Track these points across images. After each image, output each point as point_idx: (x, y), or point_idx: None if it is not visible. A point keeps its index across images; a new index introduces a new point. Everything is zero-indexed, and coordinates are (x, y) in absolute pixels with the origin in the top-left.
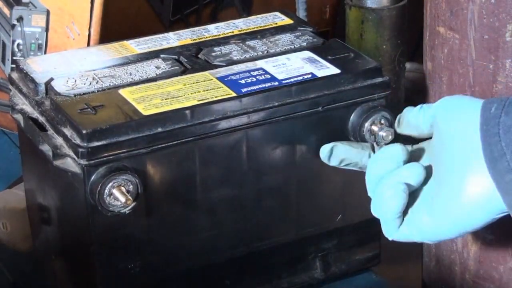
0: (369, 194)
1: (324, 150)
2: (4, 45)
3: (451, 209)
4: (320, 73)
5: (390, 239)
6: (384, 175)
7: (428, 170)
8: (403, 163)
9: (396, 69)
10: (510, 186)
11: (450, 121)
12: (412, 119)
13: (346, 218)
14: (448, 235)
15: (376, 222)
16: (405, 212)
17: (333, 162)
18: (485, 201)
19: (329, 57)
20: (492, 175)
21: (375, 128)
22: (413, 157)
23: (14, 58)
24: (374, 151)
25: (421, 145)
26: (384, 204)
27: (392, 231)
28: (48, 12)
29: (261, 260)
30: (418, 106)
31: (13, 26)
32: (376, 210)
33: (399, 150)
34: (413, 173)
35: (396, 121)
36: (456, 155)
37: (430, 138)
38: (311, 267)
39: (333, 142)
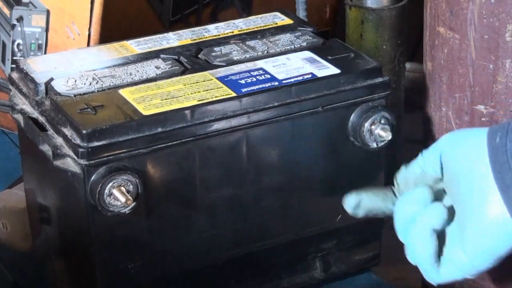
0: (401, 240)
1: (350, 203)
2: (4, 45)
3: (479, 240)
4: (320, 73)
5: (435, 284)
6: (411, 220)
7: (451, 208)
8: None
9: (396, 69)
10: None
11: (458, 157)
12: (413, 172)
13: (346, 218)
14: (484, 265)
15: (376, 222)
16: (440, 252)
17: (361, 214)
18: (507, 225)
19: (329, 57)
20: (505, 202)
21: (375, 128)
22: (437, 197)
23: (14, 58)
24: (395, 195)
25: (440, 185)
26: (417, 253)
27: (433, 276)
28: (48, 12)
29: (261, 260)
30: (417, 160)
31: (13, 26)
32: (412, 258)
33: (424, 193)
34: (437, 214)
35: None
36: (471, 189)
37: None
38: (311, 267)
39: (357, 193)
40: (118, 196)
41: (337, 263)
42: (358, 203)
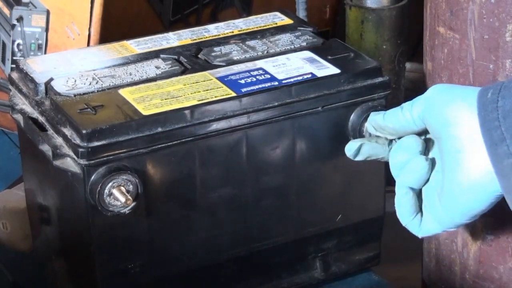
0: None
1: (352, 148)
2: (4, 45)
3: (457, 195)
4: (320, 73)
5: (419, 237)
6: (401, 169)
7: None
8: (419, 153)
9: (396, 69)
10: (507, 169)
11: (446, 109)
12: (392, 121)
13: (346, 218)
14: (461, 220)
15: (376, 222)
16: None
17: (359, 158)
18: (486, 183)
19: (329, 57)
20: (491, 159)
21: None
22: (427, 147)
23: (14, 58)
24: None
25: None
26: (397, 206)
27: (416, 229)
28: (48, 12)
29: (261, 260)
30: (397, 108)
31: (13, 26)
32: (396, 210)
33: (413, 142)
34: (415, 171)
35: (367, 129)
36: (456, 144)
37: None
38: (311, 267)
39: (360, 140)
40: (118, 196)
41: (337, 263)
42: (359, 147)
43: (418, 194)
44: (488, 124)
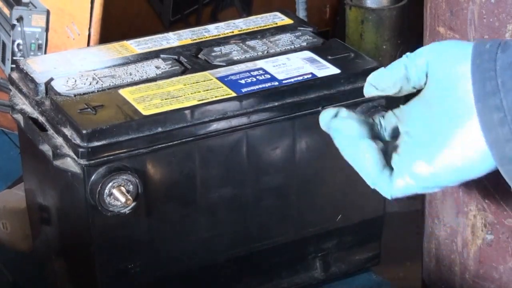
0: (346, 157)
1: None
2: (4, 45)
3: (450, 157)
4: (320, 73)
5: (389, 198)
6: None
7: (407, 113)
8: (365, 137)
9: None
10: (496, 123)
11: (445, 68)
12: (395, 74)
13: (346, 218)
14: (449, 182)
15: (376, 222)
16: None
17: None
18: (482, 148)
19: (329, 57)
20: (478, 110)
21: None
22: (407, 98)
23: (14, 58)
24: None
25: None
26: (361, 165)
27: (386, 188)
28: (48, 12)
29: (261, 260)
30: (402, 59)
31: (13, 26)
32: (361, 173)
33: (355, 127)
34: (366, 155)
35: (371, 85)
36: (451, 101)
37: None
38: (311, 267)
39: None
40: (118, 196)
41: (337, 263)
42: (336, 113)
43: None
44: (482, 73)
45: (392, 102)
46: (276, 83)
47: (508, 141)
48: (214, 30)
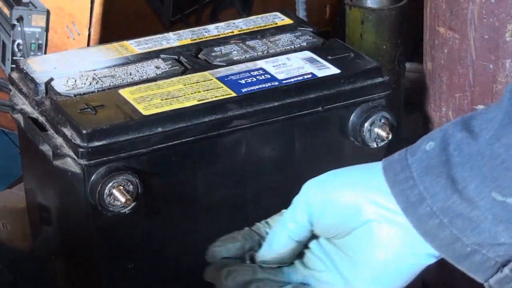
0: None
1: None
2: (4, 45)
3: (380, 276)
4: (320, 73)
5: None
6: None
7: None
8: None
9: (396, 69)
10: (433, 230)
11: (332, 203)
12: (283, 245)
13: None
14: None
15: None
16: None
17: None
18: (405, 254)
19: (329, 57)
20: (412, 221)
21: (375, 128)
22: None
23: (14, 58)
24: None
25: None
26: None
27: None
28: (48, 12)
29: None
30: (279, 231)
31: (13, 26)
32: None
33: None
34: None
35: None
36: (356, 233)
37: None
38: None
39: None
40: (118, 196)
41: None
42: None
43: None
44: (400, 184)
45: (393, 105)
46: (276, 83)
47: (454, 242)
48: (214, 30)
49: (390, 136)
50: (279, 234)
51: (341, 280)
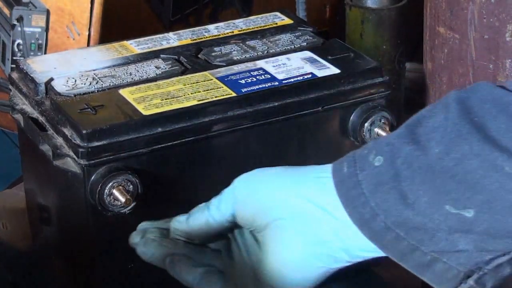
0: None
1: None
2: (4, 45)
3: (284, 278)
4: (320, 73)
5: None
6: None
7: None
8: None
9: (396, 69)
10: (391, 243)
11: (258, 199)
12: (199, 225)
13: None
14: None
15: None
16: None
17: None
18: (310, 259)
19: (329, 57)
20: (369, 237)
21: (375, 128)
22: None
23: (14, 58)
24: None
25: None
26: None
27: None
28: (48, 12)
29: None
30: (202, 209)
31: (13, 26)
32: None
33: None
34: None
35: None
36: (273, 234)
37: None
38: None
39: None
40: (118, 196)
41: None
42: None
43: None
44: (353, 201)
45: (393, 105)
46: (276, 83)
47: (413, 251)
48: (214, 30)
49: None
50: (200, 213)
51: (251, 272)
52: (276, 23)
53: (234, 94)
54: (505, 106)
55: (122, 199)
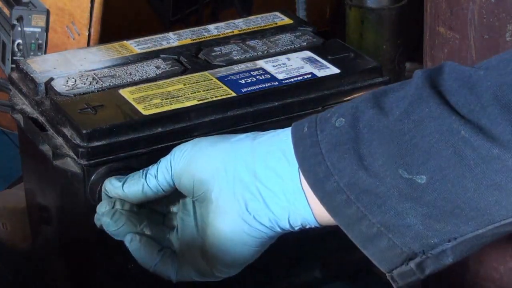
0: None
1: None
2: (4, 45)
3: (220, 248)
4: (320, 73)
5: (174, 281)
6: None
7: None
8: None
9: (396, 69)
10: (341, 206)
11: (200, 167)
12: (134, 192)
13: None
14: (224, 273)
15: None
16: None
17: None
18: (246, 232)
19: (329, 57)
20: (319, 197)
21: None
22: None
23: (14, 58)
24: None
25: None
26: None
27: (169, 273)
28: (48, 12)
29: (261, 260)
30: (138, 177)
31: (13, 26)
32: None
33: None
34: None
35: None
36: (211, 200)
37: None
38: (311, 267)
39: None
40: None
41: (337, 263)
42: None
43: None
44: (309, 159)
45: None
46: (276, 83)
47: (361, 219)
48: (214, 30)
49: None
50: (136, 181)
51: (199, 244)
52: (276, 23)
53: (234, 94)
54: (466, 80)
55: None
